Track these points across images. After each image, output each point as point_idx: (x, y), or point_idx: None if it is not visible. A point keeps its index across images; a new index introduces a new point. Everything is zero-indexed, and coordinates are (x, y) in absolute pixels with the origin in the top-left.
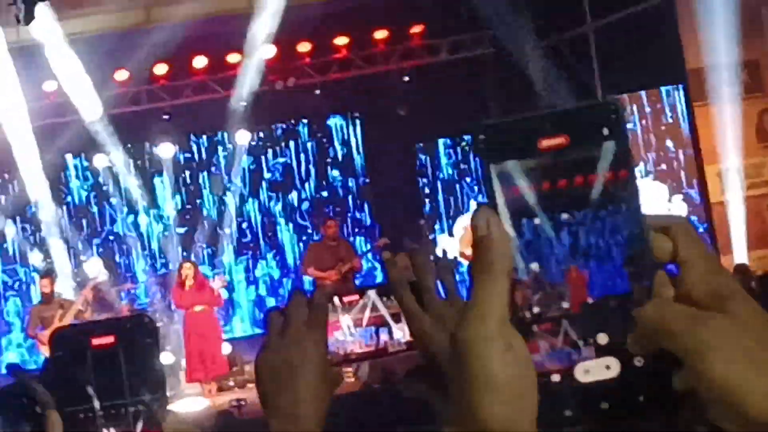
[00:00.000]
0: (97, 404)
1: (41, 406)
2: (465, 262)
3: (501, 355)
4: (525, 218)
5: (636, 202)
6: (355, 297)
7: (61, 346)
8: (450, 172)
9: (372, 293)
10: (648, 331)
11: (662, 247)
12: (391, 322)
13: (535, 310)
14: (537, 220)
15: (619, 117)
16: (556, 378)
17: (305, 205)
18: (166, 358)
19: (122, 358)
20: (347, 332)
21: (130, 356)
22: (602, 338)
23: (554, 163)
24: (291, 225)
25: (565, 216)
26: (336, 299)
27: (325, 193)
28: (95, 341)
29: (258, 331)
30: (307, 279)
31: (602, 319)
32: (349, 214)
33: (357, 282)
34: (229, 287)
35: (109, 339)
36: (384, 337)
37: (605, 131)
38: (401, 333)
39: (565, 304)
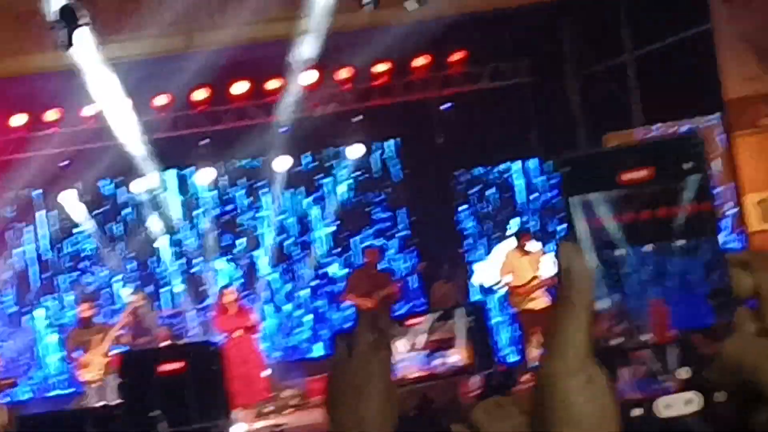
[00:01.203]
0: (164, 429)
1: None
2: (502, 291)
3: (582, 388)
4: (608, 249)
5: (716, 234)
6: (419, 320)
7: (130, 371)
8: (488, 200)
9: (429, 318)
10: (730, 365)
11: (743, 282)
12: (446, 347)
13: (618, 340)
14: (619, 251)
15: (700, 151)
16: (637, 412)
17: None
18: None
19: (190, 384)
20: (405, 356)
21: (197, 382)
22: (684, 373)
23: (636, 195)
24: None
25: (647, 248)
26: (397, 324)
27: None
28: (162, 367)
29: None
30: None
31: (684, 353)
32: (388, 242)
33: (394, 309)
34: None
35: (178, 365)
36: (437, 361)
37: (687, 165)
38: (456, 357)
39: (647, 336)
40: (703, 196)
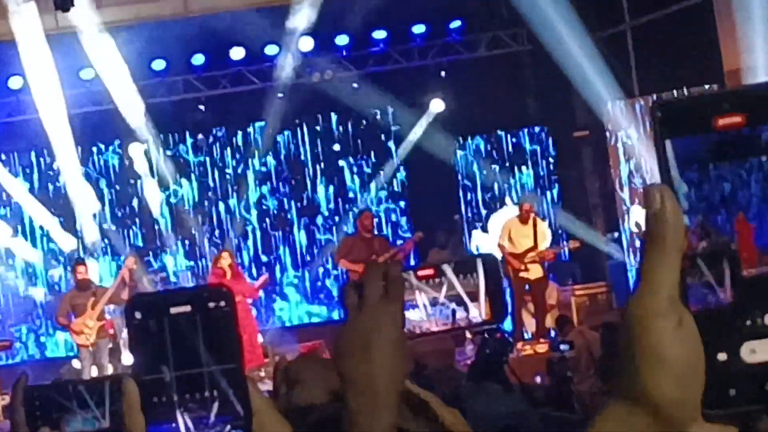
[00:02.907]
0: (173, 372)
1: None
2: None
3: (672, 331)
4: (695, 165)
5: None
6: (430, 272)
7: (139, 311)
8: (486, 167)
9: (448, 269)
10: None
11: None
12: (467, 300)
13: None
14: (706, 168)
15: None
16: (722, 357)
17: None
18: None
19: (199, 326)
20: (424, 311)
21: (205, 325)
22: None
23: (728, 141)
24: (321, 218)
25: (734, 164)
26: (411, 274)
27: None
28: (173, 309)
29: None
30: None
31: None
32: (386, 210)
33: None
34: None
35: (186, 308)
36: (460, 314)
37: None
38: (477, 311)
39: (734, 246)
40: None
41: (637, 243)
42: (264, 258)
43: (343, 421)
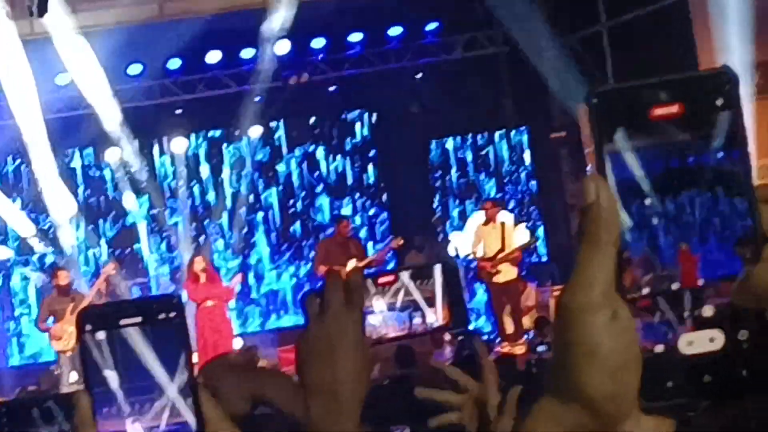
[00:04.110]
0: (124, 385)
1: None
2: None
3: (606, 324)
4: (635, 196)
5: (749, 177)
6: (390, 278)
7: (88, 326)
8: (463, 169)
9: (405, 276)
10: (757, 291)
11: None
12: (424, 306)
13: (645, 291)
14: (647, 200)
15: (733, 86)
16: (659, 349)
17: (319, 201)
18: None
19: (150, 337)
20: (381, 317)
21: (156, 335)
22: (707, 310)
23: (665, 132)
24: (299, 223)
25: (676, 194)
26: (370, 281)
27: (338, 189)
28: (123, 321)
29: (269, 327)
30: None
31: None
32: (363, 213)
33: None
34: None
35: (137, 319)
36: (417, 320)
37: (719, 101)
38: (434, 316)
39: (676, 286)
40: (734, 135)
41: None
42: (238, 261)
43: (306, 427)
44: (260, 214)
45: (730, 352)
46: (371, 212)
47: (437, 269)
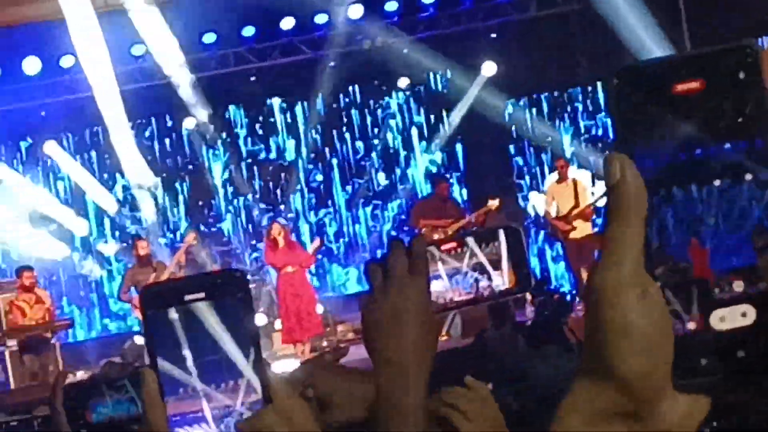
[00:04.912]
0: (191, 362)
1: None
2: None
3: (636, 302)
4: (653, 188)
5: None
6: (453, 244)
7: (152, 304)
8: (539, 128)
9: (470, 240)
10: None
11: None
12: (490, 269)
13: (657, 284)
14: (662, 192)
15: (756, 61)
16: (691, 326)
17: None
18: (259, 319)
19: (214, 313)
20: (447, 281)
21: (221, 311)
22: (738, 285)
23: (687, 107)
24: (375, 184)
25: (689, 186)
26: (434, 248)
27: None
28: (187, 297)
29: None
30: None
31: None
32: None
33: None
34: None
35: (200, 295)
36: (483, 283)
37: (741, 75)
38: (500, 280)
39: (687, 277)
40: (756, 109)
41: None
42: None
43: (375, 396)
44: (337, 176)
45: (762, 327)
46: (448, 173)
47: (501, 233)
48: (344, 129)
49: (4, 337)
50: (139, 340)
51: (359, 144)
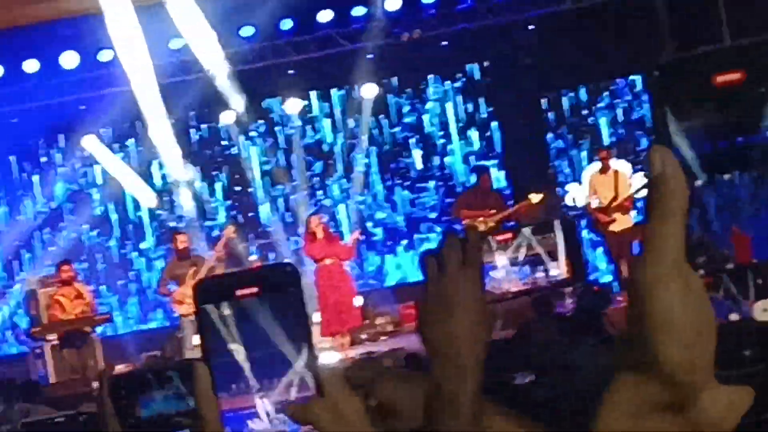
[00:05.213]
0: (244, 357)
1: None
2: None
3: (679, 294)
4: (695, 177)
5: None
6: (509, 235)
7: (205, 299)
8: (578, 119)
9: (527, 231)
10: None
11: None
12: (546, 260)
13: (700, 272)
14: (699, 181)
15: None
16: (734, 317)
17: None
18: None
19: (267, 307)
20: (504, 272)
21: (273, 305)
22: None
23: (728, 98)
24: (414, 175)
25: (728, 176)
26: (490, 238)
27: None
28: (239, 291)
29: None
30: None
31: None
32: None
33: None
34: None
35: (253, 289)
36: (540, 274)
37: None
38: (557, 270)
39: (730, 266)
40: None
41: None
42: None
43: (429, 388)
44: (374, 168)
45: None
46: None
47: (557, 224)
48: (383, 119)
49: (44, 331)
50: (179, 333)
51: (398, 133)
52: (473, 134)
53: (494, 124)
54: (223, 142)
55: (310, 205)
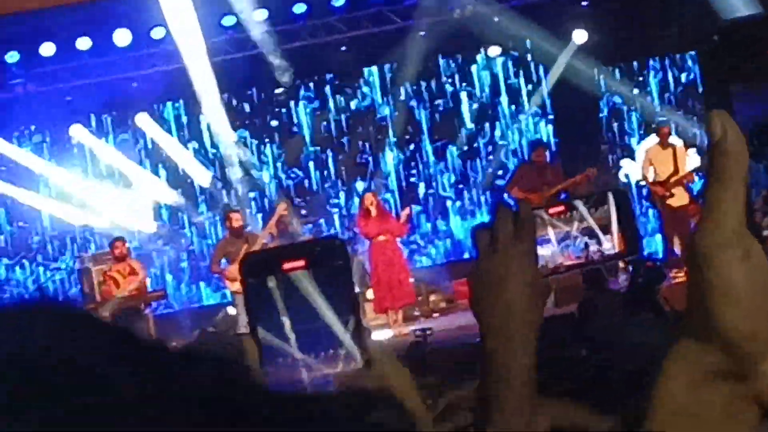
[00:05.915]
0: (290, 330)
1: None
2: (644, 185)
3: (739, 263)
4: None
5: None
6: (561, 208)
7: (252, 273)
8: (632, 95)
9: (579, 204)
10: None
11: None
12: (599, 233)
13: (765, 233)
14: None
15: None
16: None
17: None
18: None
19: (314, 280)
20: (556, 246)
21: (321, 279)
22: None
23: None
24: (469, 151)
25: None
26: (542, 212)
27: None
28: (286, 265)
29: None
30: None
31: None
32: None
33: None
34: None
35: (300, 263)
36: (593, 247)
37: None
38: (610, 244)
39: None
40: None
41: None
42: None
43: (481, 362)
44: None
45: None
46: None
47: (610, 196)
48: (435, 96)
49: (97, 308)
50: (232, 310)
51: (450, 109)
52: (525, 111)
53: (548, 100)
54: (275, 121)
55: (364, 180)
